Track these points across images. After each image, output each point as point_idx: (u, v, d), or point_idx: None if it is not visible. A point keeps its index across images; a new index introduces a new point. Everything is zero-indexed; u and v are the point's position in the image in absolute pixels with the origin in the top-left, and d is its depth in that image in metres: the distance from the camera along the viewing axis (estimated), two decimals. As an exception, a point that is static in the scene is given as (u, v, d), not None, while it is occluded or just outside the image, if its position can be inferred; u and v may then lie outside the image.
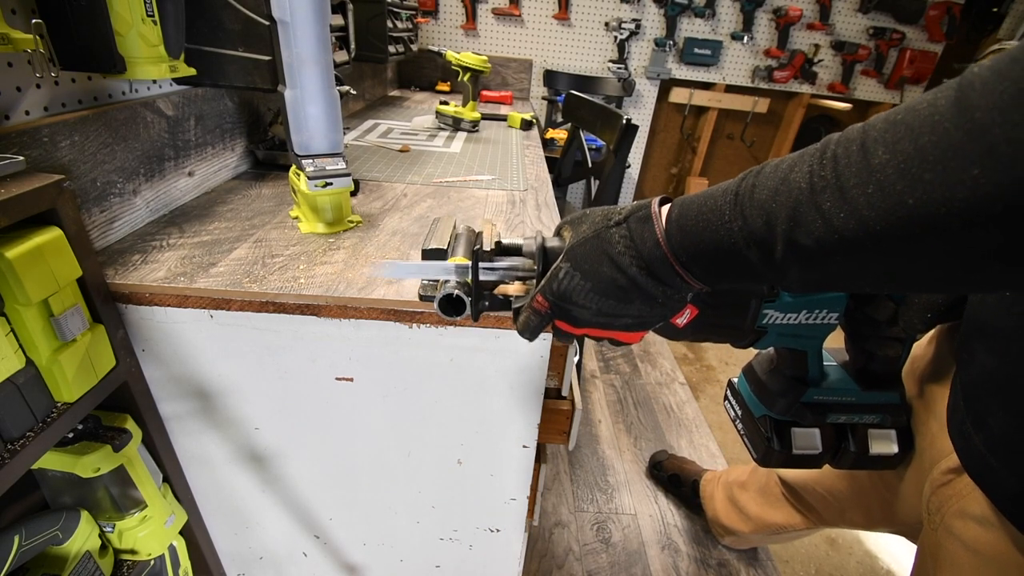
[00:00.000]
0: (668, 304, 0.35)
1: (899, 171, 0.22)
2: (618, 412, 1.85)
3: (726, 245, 0.30)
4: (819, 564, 1.36)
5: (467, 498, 0.78)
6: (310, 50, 0.65)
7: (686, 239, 0.32)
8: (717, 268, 0.32)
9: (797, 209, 0.26)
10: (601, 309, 0.35)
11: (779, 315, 0.37)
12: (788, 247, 0.27)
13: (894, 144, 0.23)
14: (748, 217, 0.29)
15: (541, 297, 0.37)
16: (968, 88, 0.21)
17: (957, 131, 0.21)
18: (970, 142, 0.20)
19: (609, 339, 0.38)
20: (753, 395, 0.44)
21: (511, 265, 0.42)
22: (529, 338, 0.40)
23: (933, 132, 0.22)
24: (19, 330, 0.48)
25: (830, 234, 0.25)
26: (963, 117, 0.21)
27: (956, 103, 0.21)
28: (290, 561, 0.89)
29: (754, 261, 0.29)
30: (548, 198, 1.00)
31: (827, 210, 0.25)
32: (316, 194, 0.72)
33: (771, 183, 0.28)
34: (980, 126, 0.20)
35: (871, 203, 0.23)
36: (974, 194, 0.20)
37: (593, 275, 0.34)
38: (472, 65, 1.46)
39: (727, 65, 2.59)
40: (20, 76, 0.57)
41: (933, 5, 2.45)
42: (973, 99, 0.21)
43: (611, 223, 0.35)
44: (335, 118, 0.72)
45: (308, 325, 0.61)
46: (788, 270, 0.28)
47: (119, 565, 0.68)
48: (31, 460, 0.49)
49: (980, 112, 0.20)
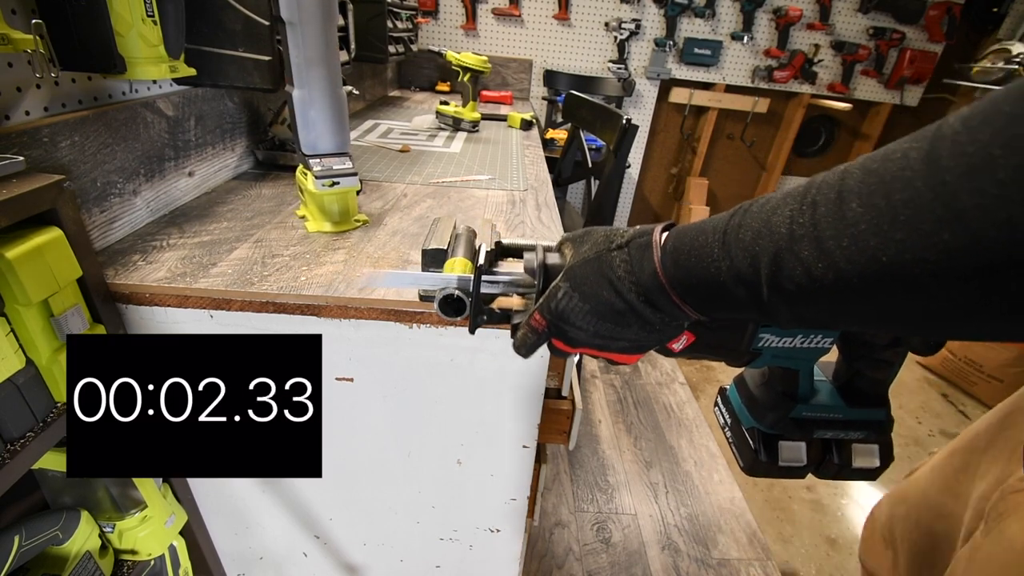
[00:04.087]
0: (665, 331, 0.35)
1: (872, 227, 0.23)
2: (618, 412, 1.85)
3: (716, 282, 0.30)
4: (819, 564, 1.36)
5: (467, 498, 0.78)
6: (317, 50, 0.65)
7: (679, 272, 0.32)
8: (711, 301, 0.32)
9: (778, 255, 0.26)
10: (598, 331, 0.35)
11: (775, 339, 0.38)
12: (773, 290, 0.27)
13: (868, 197, 0.23)
14: (734, 258, 0.29)
15: (539, 315, 0.37)
16: (940, 143, 0.21)
17: (928, 191, 0.21)
18: (940, 206, 0.20)
19: (605, 359, 0.38)
20: (743, 406, 0.45)
21: (512, 280, 0.42)
22: (524, 355, 0.40)
23: (904, 189, 0.22)
24: (19, 330, 0.48)
25: (811, 282, 0.25)
26: (933, 178, 0.21)
27: (927, 160, 0.21)
28: (290, 561, 0.89)
29: (743, 299, 0.29)
30: (548, 198, 1.00)
31: (805, 258, 0.25)
32: (323, 193, 0.72)
33: (755, 224, 0.28)
34: (949, 190, 0.20)
35: (847, 256, 0.24)
36: (946, 256, 0.20)
37: (592, 297, 0.34)
38: (472, 65, 1.46)
39: (727, 65, 2.58)
40: (20, 76, 0.57)
41: (933, 5, 2.45)
42: (943, 159, 0.21)
43: (613, 246, 0.35)
44: (342, 118, 0.72)
45: (308, 325, 0.61)
46: (777, 310, 0.28)
47: (119, 565, 0.68)
48: (31, 460, 0.49)
49: (949, 175, 0.20)
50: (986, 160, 0.19)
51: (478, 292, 0.42)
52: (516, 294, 0.43)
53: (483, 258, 0.43)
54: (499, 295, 0.43)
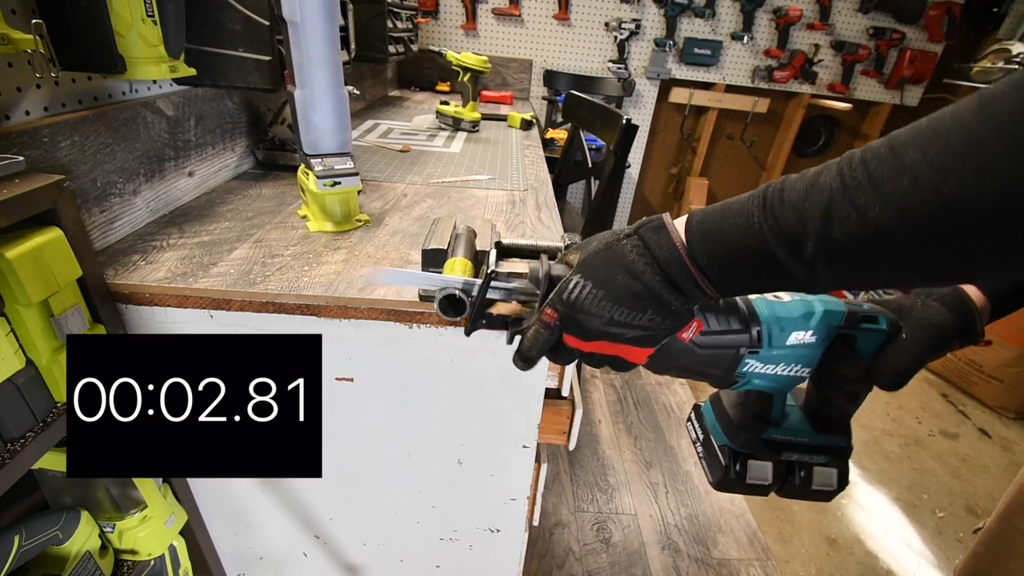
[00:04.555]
0: (679, 313, 0.35)
1: (932, 166, 0.25)
2: (618, 412, 1.85)
3: (753, 244, 0.31)
4: (819, 564, 1.36)
5: (467, 498, 0.78)
6: (319, 50, 0.65)
7: (708, 242, 0.33)
8: (738, 271, 0.33)
9: (831, 206, 0.28)
10: (613, 318, 0.35)
11: (759, 365, 0.40)
12: (821, 242, 0.28)
13: (924, 145, 0.25)
14: (779, 216, 0.30)
15: (551, 309, 0.37)
16: (989, 99, 0.24)
17: (983, 129, 0.23)
18: (997, 137, 0.23)
19: (613, 359, 0.39)
20: (717, 424, 0.47)
21: (516, 287, 0.42)
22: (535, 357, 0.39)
23: (961, 132, 0.24)
24: (19, 330, 0.48)
25: (864, 226, 0.27)
26: (989, 120, 0.23)
27: (979, 111, 0.24)
28: (290, 561, 0.89)
29: (781, 258, 0.30)
30: (548, 198, 1.00)
31: (861, 204, 0.27)
32: (325, 193, 0.72)
33: (800, 186, 0.30)
34: (1005, 124, 0.23)
35: (907, 194, 0.25)
36: (1004, 182, 0.23)
37: (606, 283, 0.35)
38: (473, 65, 1.46)
39: (727, 65, 2.58)
40: (20, 76, 0.57)
41: (933, 5, 2.45)
42: (996, 106, 0.23)
43: (621, 236, 0.36)
44: (344, 118, 0.72)
45: (308, 325, 0.61)
46: (816, 266, 0.29)
47: (119, 565, 0.68)
48: (31, 460, 0.49)
49: (1005, 115, 0.23)
50: None
51: (483, 297, 0.42)
52: (517, 301, 0.43)
53: (494, 263, 0.44)
54: (499, 300, 0.43)
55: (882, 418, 1.97)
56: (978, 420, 2.03)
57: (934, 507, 1.59)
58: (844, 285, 0.31)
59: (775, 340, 0.39)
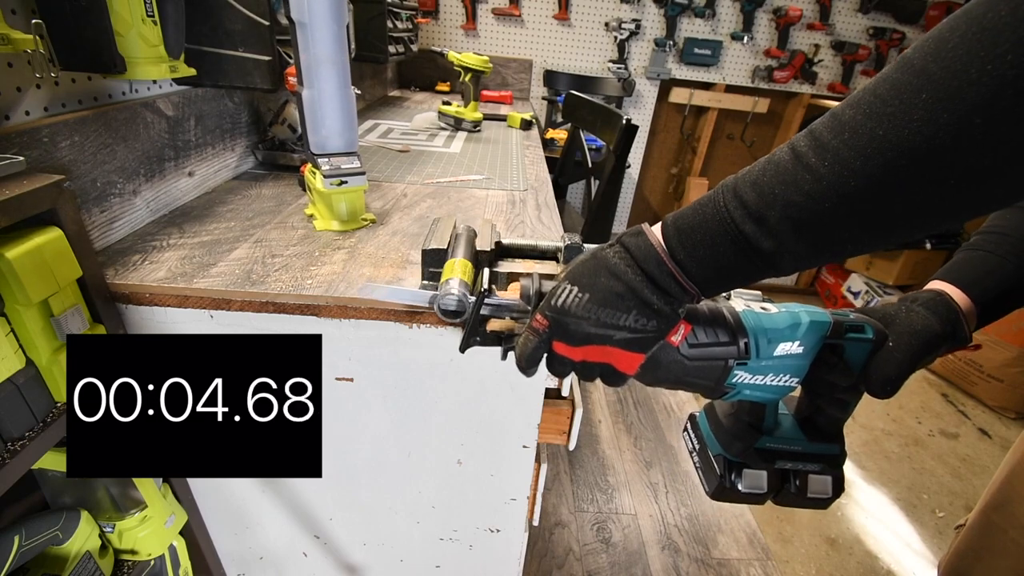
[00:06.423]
0: (663, 313, 0.36)
1: (865, 115, 0.27)
2: (618, 412, 1.85)
3: (723, 228, 0.32)
4: (819, 564, 1.36)
5: (467, 498, 0.78)
6: (327, 51, 0.65)
7: (683, 236, 0.34)
8: (713, 258, 0.34)
9: (787, 174, 0.30)
10: (599, 318, 0.36)
11: (748, 376, 0.40)
12: (783, 208, 0.30)
13: (856, 102, 0.28)
14: (743, 195, 0.32)
15: (540, 316, 0.38)
16: (907, 55, 0.27)
17: (903, 75, 0.26)
18: (916, 79, 0.26)
19: (604, 367, 0.39)
20: (712, 434, 0.48)
21: (507, 304, 0.44)
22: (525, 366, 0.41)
23: (885, 83, 0.27)
24: (19, 330, 0.48)
25: (817, 184, 0.29)
26: (907, 67, 0.26)
27: (899, 64, 0.27)
28: (290, 561, 0.89)
29: (751, 235, 0.31)
30: (548, 198, 1.00)
31: (811, 164, 0.29)
32: (331, 192, 0.72)
33: (758, 166, 0.32)
34: (920, 70, 0.25)
35: (848, 144, 0.27)
36: (928, 116, 0.25)
37: (591, 287, 0.36)
38: (474, 66, 1.46)
39: (727, 65, 2.58)
40: (20, 76, 0.57)
41: (933, 5, 2.45)
42: (914, 59, 0.26)
43: (605, 246, 0.38)
44: (351, 118, 0.72)
45: (308, 325, 0.61)
46: (784, 236, 0.30)
47: (119, 565, 0.68)
48: (31, 460, 0.49)
49: (918, 62, 0.26)
50: (940, 52, 0.25)
51: (476, 315, 0.44)
52: (510, 317, 0.44)
53: (486, 283, 0.45)
54: (491, 317, 0.45)
55: (882, 418, 1.97)
56: (978, 420, 2.03)
57: (934, 507, 1.59)
58: (814, 254, 0.32)
59: (763, 351, 0.39)
